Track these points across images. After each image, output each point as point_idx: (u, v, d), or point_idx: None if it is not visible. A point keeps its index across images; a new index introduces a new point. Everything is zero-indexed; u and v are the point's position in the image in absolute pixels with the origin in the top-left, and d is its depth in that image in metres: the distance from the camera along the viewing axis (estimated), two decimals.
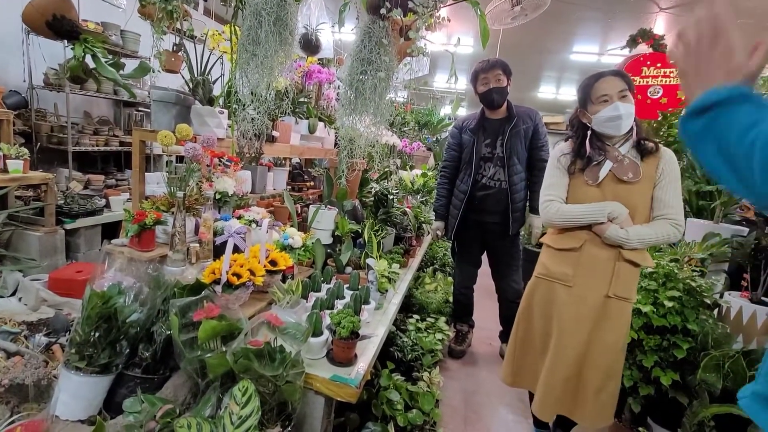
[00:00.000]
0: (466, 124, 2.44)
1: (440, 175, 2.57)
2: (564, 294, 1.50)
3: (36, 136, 3.34)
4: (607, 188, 1.47)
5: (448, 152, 2.53)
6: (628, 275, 1.46)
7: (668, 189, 1.43)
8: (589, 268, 1.47)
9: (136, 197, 1.82)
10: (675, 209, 1.42)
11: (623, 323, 1.48)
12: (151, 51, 1.71)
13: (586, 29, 4.91)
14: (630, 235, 1.41)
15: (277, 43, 1.23)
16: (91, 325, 1.03)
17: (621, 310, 1.47)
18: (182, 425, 0.79)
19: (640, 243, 1.42)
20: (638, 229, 1.42)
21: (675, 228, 1.41)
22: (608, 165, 1.46)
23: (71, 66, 1.40)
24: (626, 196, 1.45)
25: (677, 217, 1.41)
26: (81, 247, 2.96)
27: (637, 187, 1.44)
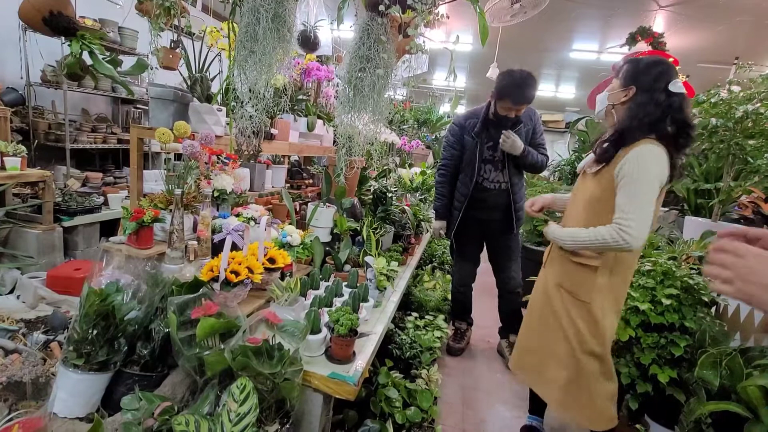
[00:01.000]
0: (468, 124, 2.36)
1: (439, 174, 2.52)
2: (541, 273, 1.67)
3: (33, 133, 3.33)
4: (579, 181, 1.51)
5: (447, 150, 2.47)
6: (574, 270, 1.46)
7: (622, 190, 1.29)
8: (554, 253, 1.58)
9: (134, 195, 1.81)
10: (625, 213, 1.26)
11: (573, 318, 1.45)
12: (148, 48, 1.70)
13: (585, 27, 4.90)
14: (563, 235, 1.42)
15: (276, 40, 1.23)
16: (89, 322, 1.03)
17: (567, 301, 1.48)
18: (180, 422, 0.79)
19: (573, 244, 1.39)
20: (574, 230, 1.40)
21: (618, 233, 1.26)
22: (587, 157, 1.48)
23: (68, 63, 1.39)
24: (586, 188, 1.42)
25: (623, 222, 1.26)
26: (79, 244, 2.96)
27: (599, 182, 1.37)
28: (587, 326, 1.44)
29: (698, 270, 1.85)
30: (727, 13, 3.98)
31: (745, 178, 2.30)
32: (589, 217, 1.40)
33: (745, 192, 2.18)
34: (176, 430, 0.79)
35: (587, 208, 1.41)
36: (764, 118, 2.19)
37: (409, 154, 4.79)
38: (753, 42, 4.79)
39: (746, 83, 2.41)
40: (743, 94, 2.31)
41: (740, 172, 2.36)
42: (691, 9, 3.89)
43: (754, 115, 2.20)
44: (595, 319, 1.43)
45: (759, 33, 4.42)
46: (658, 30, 3.53)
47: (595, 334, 1.43)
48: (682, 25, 4.28)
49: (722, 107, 2.30)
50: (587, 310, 1.44)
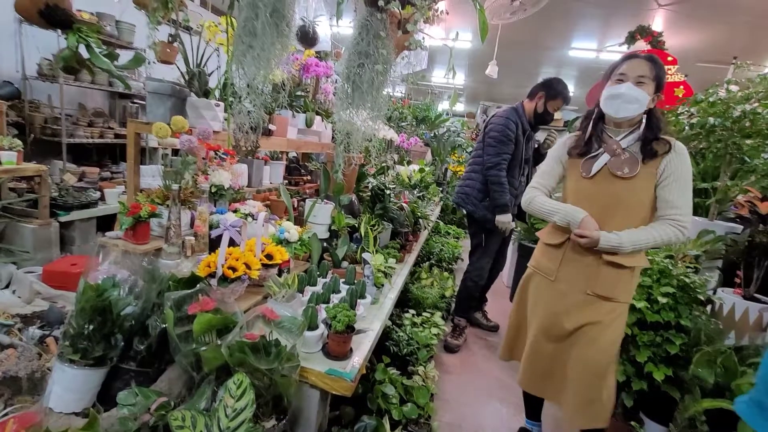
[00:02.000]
0: (518, 121, 2.47)
1: (500, 168, 2.44)
2: (547, 287, 1.53)
3: (29, 127, 3.30)
4: (600, 183, 1.41)
5: (508, 145, 2.44)
6: (611, 275, 1.40)
7: (673, 188, 1.32)
8: (571, 264, 1.47)
9: (131, 190, 1.80)
10: (680, 209, 1.31)
11: (609, 321, 1.41)
12: (146, 42, 1.69)
13: (584, 25, 4.90)
14: (623, 241, 1.34)
15: (274, 35, 1.22)
16: (85, 318, 1.02)
17: (605, 308, 1.42)
18: (176, 418, 0.79)
19: (634, 248, 1.35)
20: (632, 235, 1.34)
21: (677, 229, 1.31)
22: (604, 158, 1.40)
23: (64, 56, 1.38)
24: (619, 192, 1.38)
25: (681, 218, 1.31)
26: (76, 240, 2.95)
27: (633, 183, 1.35)
28: (616, 329, 1.43)
29: (695, 269, 1.86)
30: (726, 13, 3.98)
31: (742, 177, 2.31)
32: (630, 218, 1.37)
33: (742, 191, 2.18)
34: (172, 426, 0.79)
35: (632, 210, 1.38)
36: (762, 117, 2.19)
37: (407, 151, 4.78)
38: (751, 42, 4.80)
39: (744, 83, 2.41)
40: (741, 93, 2.31)
41: (737, 172, 2.37)
42: (690, 8, 3.89)
43: (752, 114, 2.20)
44: (623, 322, 1.45)
45: (757, 33, 4.43)
46: (657, 29, 3.53)
47: (620, 337, 1.45)
48: (681, 24, 4.28)
49: (720, 107, 2.30)
50: (623, 310, 1.44)
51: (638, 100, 1.33)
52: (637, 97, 1.32)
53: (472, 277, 2.69)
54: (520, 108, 2.51)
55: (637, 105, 1.34)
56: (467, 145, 6.86)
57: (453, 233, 4.69)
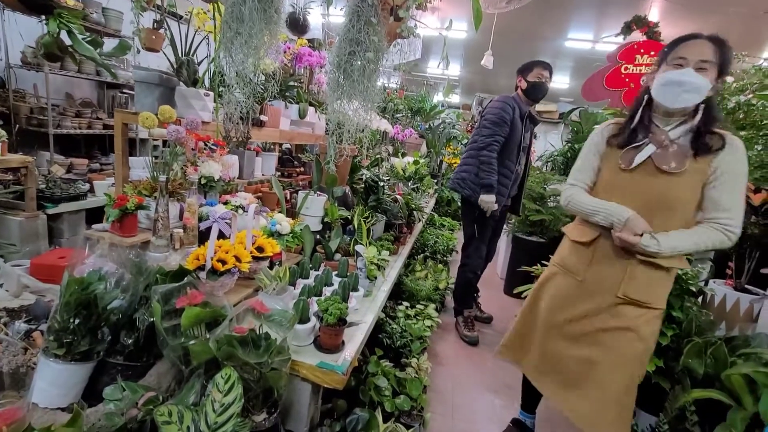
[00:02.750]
0: (514, 106, 2.50)
1: (490, 149, 2.44)
2: (573, 288, 1.41)
3: (15, 117, 3.22)
4: (640, 177, 1.26)
5: (502, 127, 2.44)
6: (645, 277, 1.28)
7: (724, 188, 1.17)
8: (602, 264, 1.34)
9: (120, 182, 1.77)
10: (730, 213, 1.17)
11: (640, 331, 1.29)
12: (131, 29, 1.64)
13: (580, 15, 4.86)
14: (662, 247, 1.20)
15: (262, 21, 1.18)
16: (70, 311, 1.00)
17: (636, 315, 1.29)
18: (162, 413, 0.78)
19: (672, 252, 1.22)
20: (673, 240, 1.21)
21: (725, 234, 1.17)
22: (649, 149, 1.24)
23: (45, 42, 1.33)
24: (662, 189, 1.22)
25: (731, 223, 1.17)
26: (64, 232, 2.90)
27: (679, 180, 1.20)
28: (653, 334, 1.32)
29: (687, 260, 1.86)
30: (721, 3, 3.96)
31: None
32: (674, 218, 1.24)
33: None
34: (159, 421, 0.78)
35: (655, 206, 1.24)
36: (756, 109, 2.19)
37: (402, 143, 4.75)
38: (747, 33, 4.79)
39: (739, 74, 2.40)
40: (736, 85, 2.30)
41: None
42: None
43: (746, 106, 2.20)
44: (658, 327, 1.33)
45: (753, 24, 4.42)
46: (653, 19, 3.50)
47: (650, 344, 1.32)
48: (678, 14, 4.25)
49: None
50: (655, 316, 1.31)
51: (699, 89, 1.15)
52: (699, 85, 1.15)
53: (472, 268, 2.71)
54: (516, 96, 2.56)
55: (697, 95, 1.17)
56: (462, 137, 6.84)
57: (447, 225, 4.68)
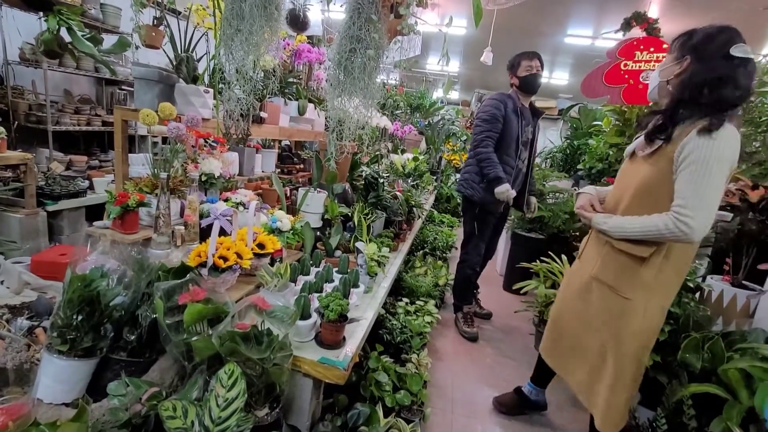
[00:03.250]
0: (507, 101, 2.48)
1: (486, 144, 2.45)
2: (575, 266, 1.60)
3: (13, 114, 3.21)
4: (631, 165, 1.35)
5: (493, 123, 2.44)
6: (613, 260, 1.35)
7: (682, 175, 1.16)
8: (592, 245, 1.49)
9: (120, 178, 1.77)
10: (686, 200, 1.14)
11: (613, 316, 1.35)
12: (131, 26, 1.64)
13: (580, 12, 4.85)
14: (609, 225, 1.29)
15: (263, 18, 1.18)
16: (73, 308, 1.01)
17: (605, 297, 1.39)
18: (167, 408, 0.79)
19: (620, 234, 1.27)
20: (622, 220, 1.28)
21: (674, 223, 1.14)
22: (638, 139, 1.34)
23: (45, 39, 1.33)
24: (637, 175, 1.28)
25: (682, 211, 1.14)
26: (65, 229, 2.90)
27: (647, 165, 1.24)
28: (627, 326, 1.32)
29: None
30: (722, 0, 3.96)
31: None
32: (641, 204, 1.26)
33: (732, 180, 2.20)
34: (163, 416, 0.79)
35: (638, 194, 1.27)
36: (755, 106, 2.20)
37: (401, 139, 4.75)
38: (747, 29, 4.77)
39: None
40: None
41: None
42: None
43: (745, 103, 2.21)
44: (635, 319, 1.31)
45: (752, 20, 4.42)
46: (653, 16, 3.49)
47: (636, 335, 1.32)
48: (678, 11, 4.25)
49: None
50: (627, 308, 1.32)
51: (649, 77, 1.39)
52: (650, 74, 1.41)
53: (470, 264, 2.72)
54: (512, 92, 2.56)
55: (650, 84, 1.33)
56: (462, 134, 6.83)
57: (447, 222, 4.69)
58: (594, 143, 4.12)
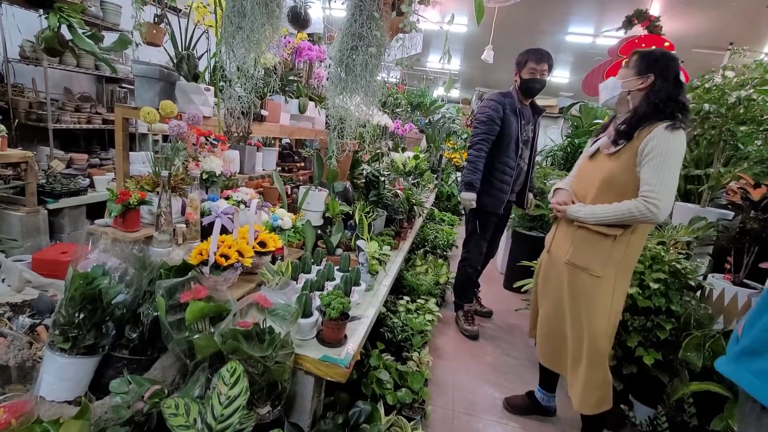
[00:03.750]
0: (506, 102, 2.47)
1: (477, 148, 2.46)
2: (545, 260, 1.72)
3: (13, 112, 3.21)
4: (593, 163, 1.54)
5: (489, 125, 2.44)
6: (584, 242, 1.49)
7: (648, 166, 1.37)
8: (560, 235, 1.62)
9: (120, 177, 1.77)
10: (652, 186, 1.35)
11: (587, 296, 1.49)
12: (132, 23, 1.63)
13: (581, 10, 4.84)
14: (585, 213, 1.47)
15: (264, 16, 1.18)
16: (75, 306, 1.01)
17: (578, 279, 1.51)
18: (170, 406, 0.79)
19: (594, 220, 1.45)
20: (595, 207, 1.46)
21: (644, 205, 1.34)
22: (600, 141, 1.52)
23: (45, 37, 1.33)
24: (604, 171, 1.46)
25: (650, 195, 1.34)
26: (65, 227, 2.90)
27: (616, 162, 1.43)
28: (598, 304, 1.47)
29: (686, 255, 1.88)
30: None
31: (735, 164, 2.32)
32: (608, 195, 1.45)
33: (735, 178, 2.20)
34: (166, 413, 0.79)
35: (604, 187, 1.46)
36: (756, 104, 2.19)
37: (402, 138, 4.74)
38: (748, 27, 4.78)
39: (740, 69, 2.40)
40: (737, 80, 2.30)
41: (730, 159, 2.38)
42: None
43: (747, 101, 2.20)
44: (606, 296, 1.47)
45: (754, 19, 4.41)
46: (654, 14, 3.49)
47: (606, 313, 1.47)
48: (679, 9, 4.24)
49: (715, 93, 2.29)
50: (599, 285, 1.47)
51: (607, 88, 1.49)
52: (607, 85, 1.49)
53: (471, 263, 2.72)
54: (512, 91, 2.54)
55: (606, 94, 1.50)
56: (462, 132, 6.82)
57: (447, 220, 4.69)
58: None
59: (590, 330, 1.48)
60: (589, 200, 1.51)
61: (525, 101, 2.55)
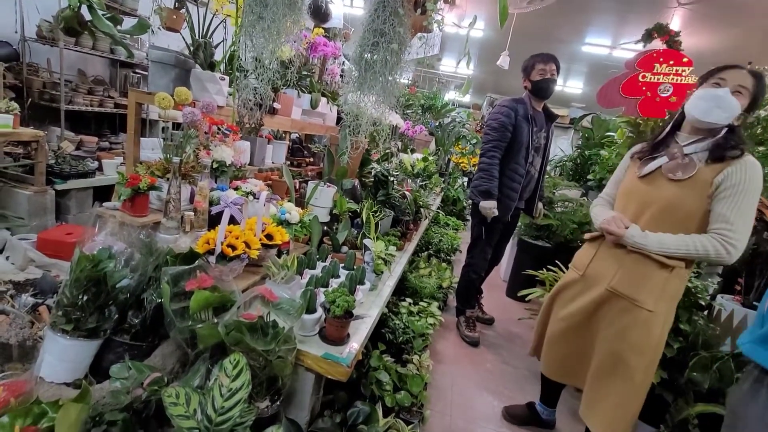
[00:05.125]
0: (518, 107, 2.44)
1: (490, 155, 2.43)
2: (578, 283, 1.53)
3: (27, 91, 3.22)
4: (650, 184, 1.37)
5: (501, 132, 2.41)
6: (637, 270, 1.33)
7: (727, 201, 1.22)
8: (602, 259, 1.45)
9: (130, 161, 1.76)
10: (731, 225, 1.20)
11: (632, 330, 1.33)
12: (150, 10, 1.63)
13: (600, 21, 4.81)
14: (649, 240, 1.29)
15: (286, 6, 1.17)
16: (79, 288, 1.00)
17: (623, 310, 1.35)
18: (170, 395, 0.77)
19: (659, 250, 1.28)
20: (662, 236, 1.28)
21: (721, 244, 1.20)
22: (661, 160, 1.36)
23: (65, 16, 1.32)
24: (668, 197, 1.31)
25: (729, 235, 1.20)
26: (72, 209, 2.91)
27: (684, 189, 1.28)
28: (648, 337, 1.33)
29: (696, 273, 1.85)
30: (745, 15, 3.91)
31: None
32: (667, 222, 1.31)
33: None
34: (166, 402, 0.77)
35: (664, 213, 1.32)
36: None
37: (411, 139, 4.72)
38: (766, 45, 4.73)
39: None
40: None
41: None
42: (709, 8, 3.81)
43: (765, 121, 2.17)
44: (656, 330, 1.33)
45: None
46: (674, 28, 3.45)
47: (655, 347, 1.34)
48: (699, 24, 4.20)
49: None
50: (650, 320, 1.32)
51: (731, 108, 1.25)
52: (732, 105, 1.24)
53: (475, 269, 2.69)
54: (524, 97, 2.51)
55: (728, 114, 1.25)
56: (471, 137, 6.80)
57: (452, 225, 4.67)
58: (606, 154, 4.08)
59: (638, 363, 1.35)
60: (642, 224, 1.36)
61: (538, 106, 2.52)
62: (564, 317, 1.56)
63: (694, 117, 1.30)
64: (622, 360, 1.36)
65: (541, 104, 2.53)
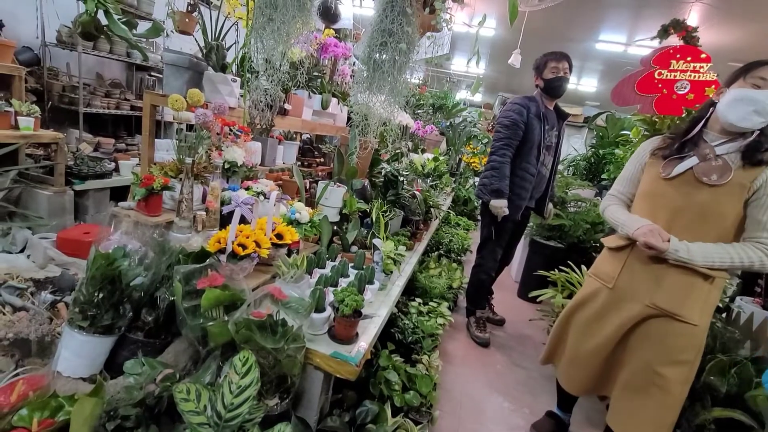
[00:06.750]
0: (530, 105, 2.41)
1: (501, 154, 2.40)
2: (605, 296, 1.41)
3: (48, 94, 3.32)
4: (680, 187, 1.26)
5: (513, 130, 2.38)
6: (680, 283, 1.25)
7: (766, 208, 1.16)
8: (634, 270, 1.34)
9: (145, 161, 1.80)
10: None
11: (670, 345, 1.27)
12: (165, 13, 1.66)
13: (614, 17, 4.71)
14: (693, 254, 1.20)
15: (296, 8, 1.18)
16: (95, 285, 1.02)
17: (666, 329, 1.27)
18: (181, 391, 0.79)
19: (704, 263, 1.21)
20: (705, 248, 1.20)
21: (766, 254, 1.16)
22: (691, 161, 1.25)
23: (83, 21, 1.36)
24: (700, 201, 1.22)
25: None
26: (89, 209, 2.98)
27: (718, 193, 1.20)
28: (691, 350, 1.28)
29: None
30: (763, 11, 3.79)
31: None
32: (702, 227, 1.24)
33: None
34: (177, 398, 0.79)
35: (697, 218, 1.24)
36: None
37: (422, 139, 4.71)
38: None
39: None
40: None
41: None
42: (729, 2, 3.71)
43: None
44: (699, 345, 1.28)
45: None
46: (692, 24, 3.36)
47: (696, 358, 1.29)
48: (717, 20, 4.09)
49: None
50: (696, 333, 1.26)
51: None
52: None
53: (485, 269, 2.67)
54: (536, 95, 2.47)
55: (765, 119, 1.16)
56: (483, 136, 6.75)
57: (463, 225, 4.64)
58: (620, 153, 4.01)
59: (680, 375, 1.29)
60: (675, 232, 1.27)
61: (550, 105, 2.48)
62: (595, 336, 1.44)
63: (729, 122, 1.21)
64: (659, 373, 1.29)
65: (552, 103, 2.50)
